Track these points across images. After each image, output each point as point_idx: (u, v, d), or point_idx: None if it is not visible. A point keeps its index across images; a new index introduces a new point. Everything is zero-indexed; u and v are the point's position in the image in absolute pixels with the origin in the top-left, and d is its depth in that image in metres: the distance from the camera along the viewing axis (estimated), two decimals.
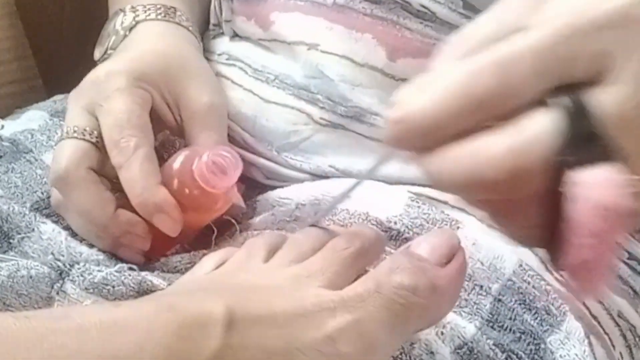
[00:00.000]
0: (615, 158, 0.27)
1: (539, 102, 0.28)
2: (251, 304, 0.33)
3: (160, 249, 0.49)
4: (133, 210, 0.46)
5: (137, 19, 0.55)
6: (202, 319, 0.31)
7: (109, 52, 0.55)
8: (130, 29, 0.54)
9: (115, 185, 0.48)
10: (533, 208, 0.30)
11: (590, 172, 0.27)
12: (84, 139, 0.47)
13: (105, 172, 0.48)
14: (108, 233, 0.47)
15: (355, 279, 0.38)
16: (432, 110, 0.28)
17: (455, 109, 0.28)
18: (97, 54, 0.57)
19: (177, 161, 0.47)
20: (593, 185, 0.27)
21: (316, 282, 0.37)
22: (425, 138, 0.29)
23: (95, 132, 0.47)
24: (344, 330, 0.34)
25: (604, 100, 0.27)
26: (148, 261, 0.48)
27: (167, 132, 0.54)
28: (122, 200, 0.47)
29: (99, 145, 0.47)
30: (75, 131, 0.47)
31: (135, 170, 0.45)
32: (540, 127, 0.27)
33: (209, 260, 0.43)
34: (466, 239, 0.47)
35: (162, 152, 0.54)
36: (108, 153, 0.46)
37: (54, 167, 0.47)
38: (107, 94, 0.48)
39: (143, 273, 0.41)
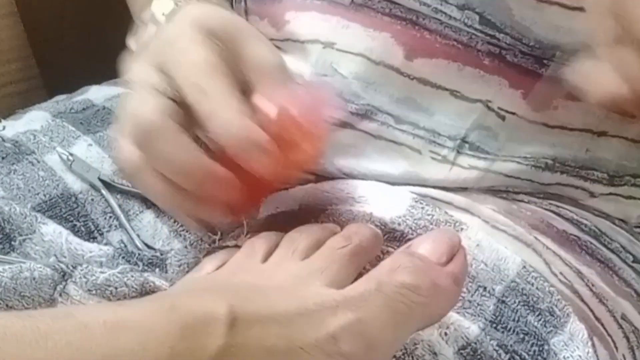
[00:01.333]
0: None
1: None
2: (253, 303, 0.33)
3: (245, 205, 0.46)
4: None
5: (179, 3, 0.52)
6: (204, 319, 0.31)
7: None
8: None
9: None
10: None
11: None
12: (161, 94, 0.44)
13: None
14: (200, 189, 0.44)
15: (355, 278, 0.39)
16: None
17: None
18: (133, 44, 0.55)
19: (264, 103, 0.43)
20: None
21: (317, 280, 0.38)
22: None
23: (171, 91, 0.44)
24: (346, 329, 0.34)
25: None
26: (232, 222, 0.46)
27: None
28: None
29: (177, 102, 0.44)
30: (150, 86, 0.44)
31: (229, 112, 0.42)
32: None
33: (210, 261, 0.43)
34: (470, 240, 0.47)
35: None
36: (193, 105, 0.43)
37: (134, 120, 0.43)
38: (182, 48, 0.45)
39: (145, 274, 0.41)
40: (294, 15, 0.54)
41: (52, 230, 0.47)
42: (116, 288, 0.39)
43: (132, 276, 0.40)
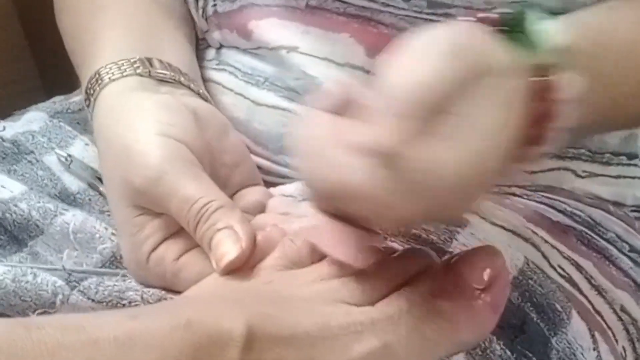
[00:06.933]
0: None
1: None
2: (273, 321, 0.32)
3: None
4: None
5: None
6: (220, 340, 0.30)
7: None
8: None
9: None
10: None
11: None
12: None
13: None
14: None
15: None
16: None
17: None
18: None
19: None
20: None
21: (344, 296, 0.36)
22: None
23: None
24: (370, 355, 0.33)
25: None
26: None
27: None
28: None
29: None
30: None
31: None
32: None
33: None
34: (472, 236, 0.47)
35: None
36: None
37: None
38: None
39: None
40: (255, 24, 0.54)
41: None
42: (130, 302, 0.39)
43: (149, 291, 0.39)
